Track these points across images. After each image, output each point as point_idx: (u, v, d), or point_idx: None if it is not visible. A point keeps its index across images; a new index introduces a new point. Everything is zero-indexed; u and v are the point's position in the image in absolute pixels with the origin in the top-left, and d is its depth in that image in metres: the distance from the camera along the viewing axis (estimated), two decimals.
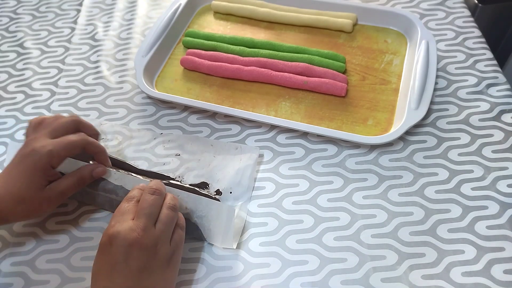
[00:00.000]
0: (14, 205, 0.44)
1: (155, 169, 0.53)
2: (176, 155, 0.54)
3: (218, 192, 0.50)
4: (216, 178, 0.52)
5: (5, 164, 0.52)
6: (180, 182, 0.51)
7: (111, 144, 0.56)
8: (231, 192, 0.50)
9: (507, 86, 0.58)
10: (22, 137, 0.58)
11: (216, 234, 0.46)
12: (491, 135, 0.54)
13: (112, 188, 0.48)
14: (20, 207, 0.44)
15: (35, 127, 0.48)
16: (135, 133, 0.57)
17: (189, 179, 0.52)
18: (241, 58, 0.63)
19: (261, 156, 0.54)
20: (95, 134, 0.52)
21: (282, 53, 0.63)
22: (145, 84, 0.60)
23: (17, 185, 0.44)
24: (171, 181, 0.51)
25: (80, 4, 0.78)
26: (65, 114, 0.55)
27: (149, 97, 0.62)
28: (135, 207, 0.42)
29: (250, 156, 0.52)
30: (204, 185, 0.51)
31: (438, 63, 0.61)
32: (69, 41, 0.72)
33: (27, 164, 0.44)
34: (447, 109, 0.57)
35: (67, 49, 0.70)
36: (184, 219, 0.45)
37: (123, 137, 0.57)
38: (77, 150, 0.47)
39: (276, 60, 0.62)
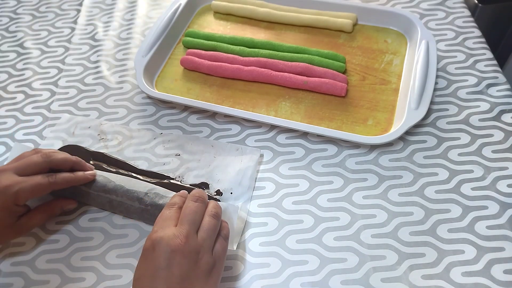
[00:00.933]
0: None
1: (155, 169, 0.53)
2: (176, 155, 0.54)
3: (218, 192, 0.50)
4: (217, 178, 0.52)
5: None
6: (180, 182, 0.51)
7: (111, 144, 0.56)
8: (231, 193, 0.50)
9: (507, 86, 0.58)
10: (22, 137, 0.58)
11: None
12: (491, 135, 0.54)
13: (112, 188, 0.48)
14: None
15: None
16: (135, 133, 0.57)
17: (189, 179, 0.52)
18: (241, 58, 0.63)
19: (261, 156, 0.54)
20: (74, 162, 0.49)
21: (282, 53, 0.63)
22: (145, 84, 0.60)
23: None
24: (171, 181, 0.51)
25: (80, 4, 0.78)
26: (41, 145, 0.56)
27: (149, 97, 0.62)
28: (177, 213, 0.41)
29: (251, 157, 0.53)
30: (204, 185, 0.51)
31: (438, 63, 0.61)
32: (69, 41, 0.72)
33: None
34: (447, 109, 0.57)
35: (67, 49, 0.70)
36: (229, 229, 0.44)
37: (123, 137, 0.57)
38: (44, 192, 0.46)
39: (276, 60, 0.62)
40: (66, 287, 0.45)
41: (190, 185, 0.51)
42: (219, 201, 0.48)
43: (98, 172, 0.50)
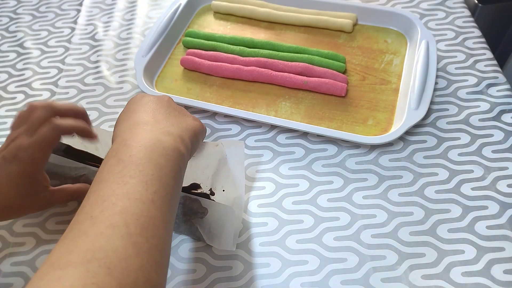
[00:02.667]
0: None
1: None
2: None
3: (211, 192, 0.50)
4: (205, 176, 0.50)
5: None
6: None
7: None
8: (223, 190, 0.49)
9: (507, 86, 0.58)
10: None
11: (216, 237, 0.46)
12: (491, 135, 0.54)
13: None
14: (5, 212, 0.43)
15: (19, 122, 0.44)
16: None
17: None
18: (241, 58, 0.63)
19: (260, 156, 0.54)
20: (78, 112, 0.47)
21: (282, 53, 0.63)
22: (145, 84, 0.60)
23: (3, 192, 0.42)
24: None
25: (80, 4, 0.78)
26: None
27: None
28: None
29: (235, 151, 0.49)
30: (196, 186, 0.50)
31: (438, 63, 0.61)
32: (69, 41, 0.72)
33: (12, 171, 0.42)
34: (447, 109, 0.57)
35: (67, 49, 0.70)
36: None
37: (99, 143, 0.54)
38: (55, 142, 0.43)
39: (276, 60, 0.62)
40: None
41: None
42: (214, 200, 0.48)
43: (97, 170, 0.50)
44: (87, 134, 0.46)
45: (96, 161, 0.52)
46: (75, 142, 0.54)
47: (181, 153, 0.37)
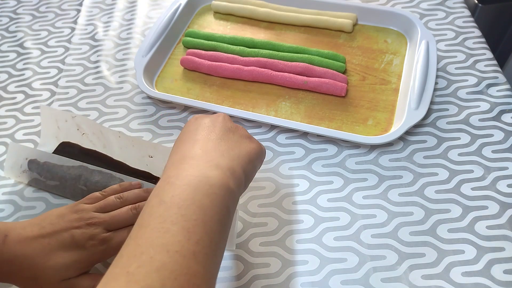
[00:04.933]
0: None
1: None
2: (149, 156, 0.52)
3: None
4: None
5: (5, 164, 0.53)
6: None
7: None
8: None
9: (507, 86, 0.58)
10: (22, 137, 0.58)
11: None
12: (491, 135, 0.54)
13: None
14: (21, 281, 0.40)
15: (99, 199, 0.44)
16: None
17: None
18: (241, 58, 0.63)
19: None
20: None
21: (282, 53, 0.63)
22: (145, 84, 0.60)
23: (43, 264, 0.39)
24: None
25: (80, 4, 0.78)
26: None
27: (149, 97, 0.62)
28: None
29: None
30: None
31: (438, 63, 0.61)
32: (69, 41, 0.72)
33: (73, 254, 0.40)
34: (447, 109, 0.57)
35: (67, 49, 0.70)
36: None
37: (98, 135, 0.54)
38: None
39: (276, 60, 0.62)
40: None
41: None
42: None
43: (96, 169, 0.50)
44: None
45: (104, 160, 0.53)
46: (83, 140, 0.54)
47: (230, 189, 0.34)
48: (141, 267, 0.28)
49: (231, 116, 0.58)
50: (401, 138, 0.54)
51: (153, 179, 0.51)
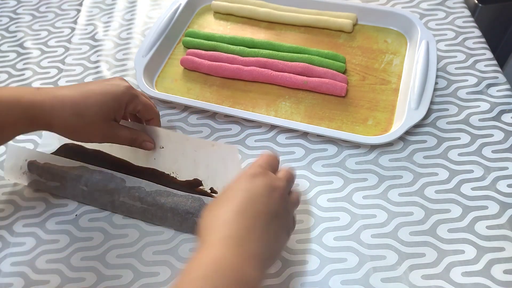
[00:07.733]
0: (70, 115, 0.43)
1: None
2: (161, 147, 0.52)
3: (212, 190, 0.50)
4: (205, 175, 0.50)
5: (4, 166, 0.53)
6: (176, 177, 0.51)
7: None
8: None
9: (507, 86, 0.58)
10: (22, 137, 0.58)
11: None
12: (491, 135, 0.54)
13: (114, 188, 0.48)
14: (74, 119, 0.44)
15: None
16: None
17: (183, 176, 0.51)
18: (241, 58, 0.63)
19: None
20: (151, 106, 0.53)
21: (282, 53, 0.63)
22: (145, 84, 0.60)
23: (88, 101, 0.44)
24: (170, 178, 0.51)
25: (80, 4, 0.78)
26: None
27: (149, 97, 0.62)
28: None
29: (232, 157, 0.49)
30: (198, 182, 0.50)
31: (438, 63, 0.61)
32: (69, 41, 0.72)
33: (106, 90, 0.45)
34: (447, 109, 0.57)
35: (67, 49, 0.70)
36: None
37: None
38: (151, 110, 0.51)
39: (276, 60, 0.62)
40: (66, 287, 0.45)
41: (183, 181, 0.50)
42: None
43: (97, 169, 0.50)
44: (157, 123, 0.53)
45: (108, 159, 0.53)
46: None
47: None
48: None
49: (231, 116, 0.58)
50: (401, 138, 0.54)
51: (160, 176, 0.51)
